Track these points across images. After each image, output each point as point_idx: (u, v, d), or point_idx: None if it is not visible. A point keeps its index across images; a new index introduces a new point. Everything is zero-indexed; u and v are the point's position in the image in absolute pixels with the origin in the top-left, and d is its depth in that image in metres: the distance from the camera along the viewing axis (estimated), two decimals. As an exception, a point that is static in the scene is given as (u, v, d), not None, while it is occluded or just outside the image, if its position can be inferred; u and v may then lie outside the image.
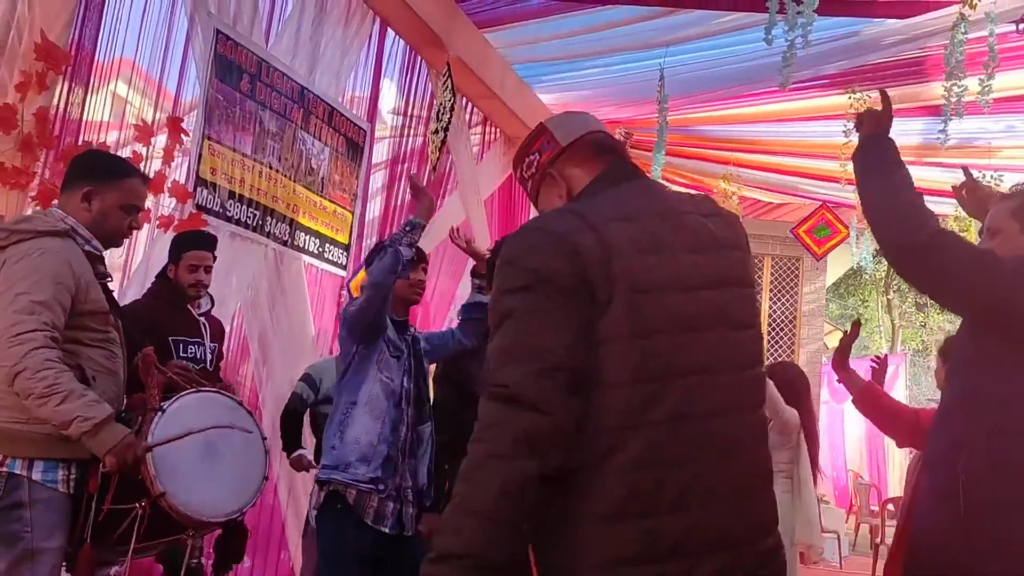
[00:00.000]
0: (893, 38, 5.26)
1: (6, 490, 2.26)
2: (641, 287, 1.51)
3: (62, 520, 2.34)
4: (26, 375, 2.19)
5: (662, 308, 1.52)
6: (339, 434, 3.04)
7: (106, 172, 2.53)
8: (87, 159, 2.66)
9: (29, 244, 2.33)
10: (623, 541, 1.45)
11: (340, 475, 2.99)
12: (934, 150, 6.28)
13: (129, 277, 3.82)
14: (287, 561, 4.68)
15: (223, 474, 2.63)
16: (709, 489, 1.51)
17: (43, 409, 2.22)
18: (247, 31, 4.17)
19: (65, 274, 2.31)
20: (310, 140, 4.72)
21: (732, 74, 6.03)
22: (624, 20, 5.49)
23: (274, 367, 4.48)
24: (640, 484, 1.46)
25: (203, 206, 3.91)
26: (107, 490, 2.36)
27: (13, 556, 2.24)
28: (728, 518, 1.52)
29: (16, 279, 2.27)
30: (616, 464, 1.47)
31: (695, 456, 1.50)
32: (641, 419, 1.48)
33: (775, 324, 10.31)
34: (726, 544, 1.51)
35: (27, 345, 2.19)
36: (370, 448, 2.99)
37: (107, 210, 2.48)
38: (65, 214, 2.46)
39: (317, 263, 4.88)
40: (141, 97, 3.93)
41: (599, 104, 7.24)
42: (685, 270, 1.57)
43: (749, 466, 1.60)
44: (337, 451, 3.02)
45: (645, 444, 1.47)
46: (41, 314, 2.23)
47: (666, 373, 1.50)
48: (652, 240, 1.56)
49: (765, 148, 7.63)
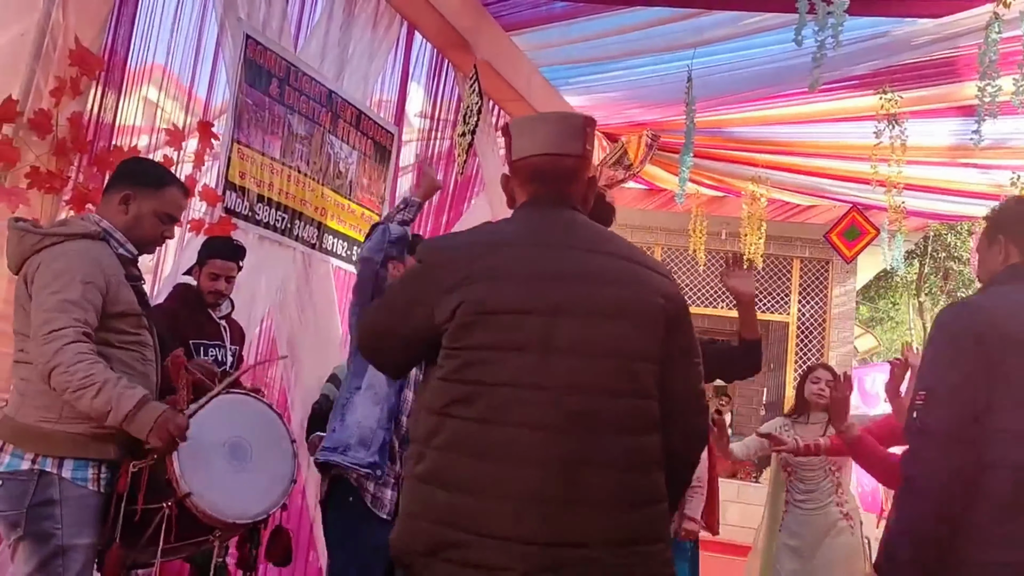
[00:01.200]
0: (925, 38, 5.19)
1: (38, 488, 2.29)
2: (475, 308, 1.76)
3: (92, 517, 2.37)
4: (60, 370, 2.21)
5: (485, 329, 1.75)
6: (340, 417, 3.02)
7: (147, 178, 2.57)
8: (131, 165, 2.70)
9: (62, 247, 2.37)
10: None
11: (339, 457, 2.95)
12: (968, 151, 6.20)
13: (160, 281, 3.86)
14: (315, 561, 4.70)
15: (250, 475, 2.63)
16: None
17: (80, 403, 2.24)
18: (276, 36, 4.21)
19: (95, 274, 2.34)
20: (338, 144, 4.74)
21: (761, 75, 5.98)
22: (651, 22, 5.47)
23: (302, 369, 4.50)
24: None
25: (232, 210, 3.95)
26: (137, 490, 2.38)
27: (45, 553, 2.27)
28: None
29: (48, 280, 2.30)
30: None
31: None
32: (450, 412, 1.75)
33: (804, 327, 10.21)
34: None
35: (59, 341, 2.22)
36: (369, 432, 2.97)
37: (143, 215, 2.52)
38: (100, 218, 2.50)
39: (345, 266, 4.90)
40: (172, 102, 3.97)
41: (626, 106, 7.22)
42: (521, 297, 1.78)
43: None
44: (337, 433, 3.00)
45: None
46: (72, 311, 2.26)
47: (479, 381, 1.74)
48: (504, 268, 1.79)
49: (794, 150, 7.56)
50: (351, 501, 2.96)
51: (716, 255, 9.65)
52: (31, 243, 2.38)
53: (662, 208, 9.47)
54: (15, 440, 2.34)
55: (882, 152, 6.15)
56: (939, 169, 7.41)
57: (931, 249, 15.85)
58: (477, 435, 1.73)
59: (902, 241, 8.05)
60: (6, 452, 2.34)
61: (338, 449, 2.96)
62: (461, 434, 1.74)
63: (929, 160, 7.10)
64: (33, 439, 2.33)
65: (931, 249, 15.85)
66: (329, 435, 3.04)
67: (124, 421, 2.27)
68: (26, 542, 2.29)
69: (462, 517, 1.69)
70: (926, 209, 8.58)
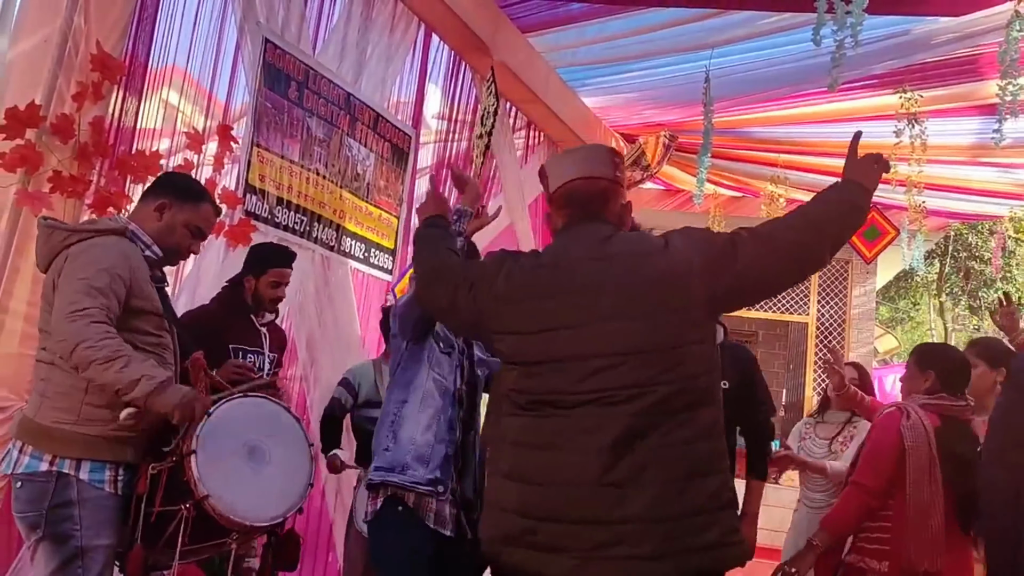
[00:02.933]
0: (945, 36, 5.15)
1: (57, 489, 2.31)
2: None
3: (111, 518, 2.38)
4: (87, 343, 2.22)
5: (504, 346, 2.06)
6: (392, 435, 2.85)
7: (185, 191, 2.64)
8: (172, 178, 2.79)
9: (89, 241, 2.41)
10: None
11: (397, 477, 2.78)
12: (989, 150, 6.14)
13: (180, 283, 3.88)
14: (335, 563, 4.72)
15: (268, 478, 2.62)
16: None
17: (107, 373, 2.24)
18: (295, 39, 4.23)
19: (121, 266, 2.38)
20: (356, 146, 4.76)
21: (779, 75, 5.96)
22: (668, 22, 5.45)
23: (322, 371, 4.52)
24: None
25: (252, 212, 3.97)
26: (156, 492, 2.40)
27: (65, 555, 2.29)
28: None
29: (75, 269, 2.34)
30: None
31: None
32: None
33: (824, 328, 10.15)
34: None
35: (85, 319, 2.24)
36: (427, 447, 2.80)
37: (176, 225, 2.58)
38: (129, 220, 2.56)
39: (363, 268, 4.92)
40: (192, 105, 4.00)
41: (643, 107, 7.21)
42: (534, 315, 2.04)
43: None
44: (392, 453, 2.82)
45: None
46: (98, 297, 2.29)
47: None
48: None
49: (813, 150, 7.52)
50: (400, 511, 2.78)
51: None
52: (60, 239, 2.41)
53: (680, 209, 9.44)
54: (34, 441, 2.35)
55: (902, 151, 6.11)
56: (960, 168, 7.35)
57: (952, 249, 15.71)
58: (537, 429, 1.98)
59: (922, 241, 7.99)
60: (25, 453, 2.35)
61: (395, 469, 2.79)
62: (528, 430, 1.99)
63: (950, 159, 7.05)
64: (51, 440, 2.34)
65: (952, 249, 15.71)
66: (381, 454, 2.85)
67: (151, 394, 2.27)
68: (46, 543, 2.30)
69: (530, 506, 1.92)
70: (946, 208, 8.52)
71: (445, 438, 2.83)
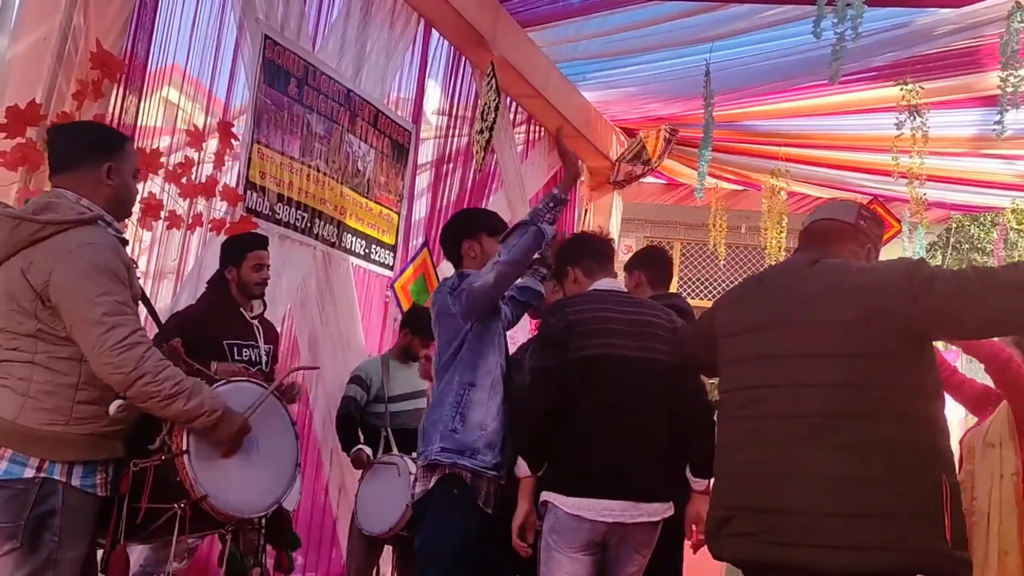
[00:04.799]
0: (946, 27, 5.14)
1: (39, 497, 2.16)
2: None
3: (89, 529, 2.28)
4: (147, 379, 2.17)
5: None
6: (460, 417, 2.86)
7: (111, 141, 2.40)
8: (90, 133, 2.49)
9: (72, 237, 2.20)
10: None
11: (468, 462, 2.82)
12: (990, 141, 6.12)
13: (182, 280, 3.89)
14: (338, 559, 4.73)
15: (259, 467, 2.58)
16: None
17: (170, 409, 2.22)
18: (294, 36, 4.23)
19: (120, 268, 2.26)
20: (356, 142, 4.76)
21: (779, 68, 5.95)
22: (668, 16, 5.45)
23: (324, 367, 4.53)
24: None
25: (253, 209, 3.98)
26: (141, 490, 2.33)
27: (35, 565, 2.15)
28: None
29: (84, 278, 2.17)
30: None
31: None
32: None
33: (826, 321, 10.12)
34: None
35: (136, 350, 2.16)
36: (496, 435, 2.86)
37: (126, 181, 2.38)
38: (79, 196, 2.28)
39: (364, 264, 4.93)
40: (192, 103, 4.00)
41: (644, 101, 7.20)
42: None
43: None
44: (460, 436, 2.83)
45: None
46: (129, 314, 2.21)
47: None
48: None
49: (814, 142, 7.51)
50: (456, 493, 2.83)
51: (736, 249, 9.60)
52: (28, 232, 2.18)
53: (681, 203, 9.43)
54: (16, 444, 2.17)
55: (903, 143, 6.10)
56: (961, 160, 7.33)
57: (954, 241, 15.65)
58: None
59: (924, 233, 7.97)
60: (3, 458, 2.17)
61: (465, 453, 2.83)
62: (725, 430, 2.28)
63: (951, 151, 7.03)
64: (39, 443, 2.18)
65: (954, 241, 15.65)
66: (448, 436, 2.84)
67: (214, 425, 2.29)
68: (19, 552, 2.14)
69: (725, 497, 2.20)
70: (948, 200, 8.50)
71: (506, 424, 2.91)
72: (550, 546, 2.72)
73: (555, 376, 2.74)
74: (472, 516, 2.84)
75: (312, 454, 4.52)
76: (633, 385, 2.76)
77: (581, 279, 3.01)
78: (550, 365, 2.75)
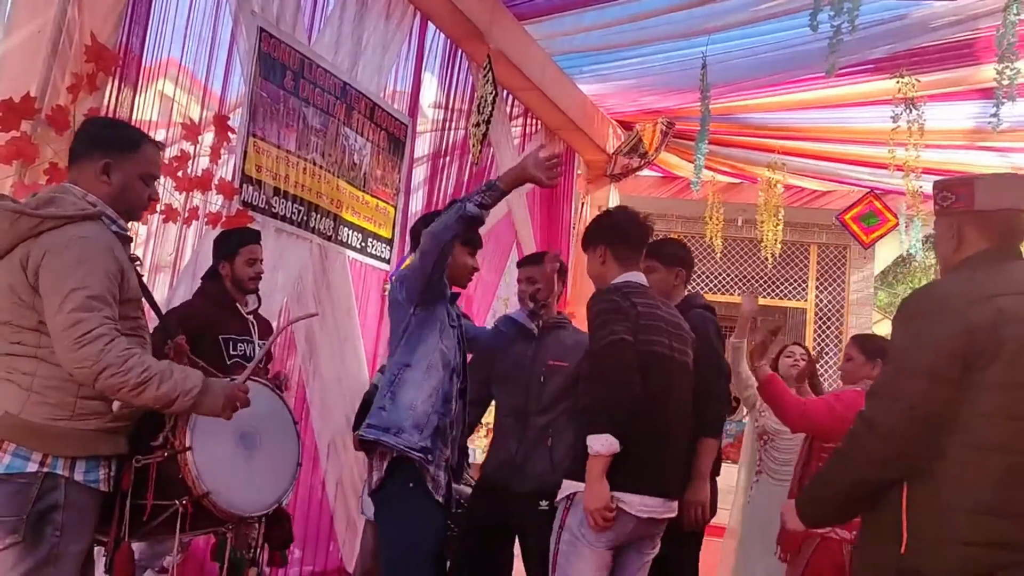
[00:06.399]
0: (942, 20, 5.14)
1: (41, 492, 2.16)
2: None
3: (91, 524, 2.27)
4: (111, 371, 2.12)
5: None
6: (390, 396, 2.87)
7: (122, 142, 2.37)
8: (98, 128, 2.47)
9: (67, 232, 2.19)
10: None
11: (392, 439, 2.81)
12: (986, 134, 6.13)
13: (178, 274, 3.89)
14: (336, 553, 4.74)
15: (260, 465, 2.60)
16: None
17: (142, 397, 2.16)
18: (290, 29, 4.22)
19: (111, 264, 2.22)
20: (352, 135, 4.75)
21: (776, 61, 5.94)
22: (665, 8, 5.44)
23: (320, 361, 4.53)
24: None
25: (249, 203, 3.97)
26: (143, 487, 2.33)
27: (37, 559, 2.15)
28: None
29: (65, 272, 2.16)
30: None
31: None
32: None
33: (822, 313, 10.16)
34: None
35: (98, 343, 2.12)
36: (424, 417, 2.84)
37: (128, 182, 2.34)
38: (86, 191, 2.29)
39: (360, 258, 4.92)
40: (187, 96, 3.99)
41: (640, 94, 7.19)
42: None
43: None
44: (388, 413, 2.85)
45: None
46: (100, 309, 2.15)
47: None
48: None
49: (811, 135, 7.52)
50: (411, 487, 2.84)
51: (733, 242, 9.59)
52: (28, 226, 2.19)
53: (678, 196, 9.44)
54: (19, 439, 2.17)
55: (900, 136, 6.10)
56: (957, 153, 7.34)
57: (950, 234, 15.68)
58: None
59: (920, 226, 7.98)
60: (6, 452, 2.17)
61: (390, 430, 2.82)
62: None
63: (947, 144, 7.04)
64: (43, 438, 2.18)
65: (950, 234, 15.68)
66: (376, 413, 2.88)
67: (193, 407, 2.23)
68: (20, 545, 2.14)
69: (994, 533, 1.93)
70: (945, 193, 8.49)
71: (440, 410, 2.89)
72: (577, 538, 2.68)
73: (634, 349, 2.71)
74: (435, 512, 2.87)
75: (309, 448, 4.52)
76: (670, 384, 2.81)
77: (610, 262, 2.93)
78: (631, 340, 2.69)
